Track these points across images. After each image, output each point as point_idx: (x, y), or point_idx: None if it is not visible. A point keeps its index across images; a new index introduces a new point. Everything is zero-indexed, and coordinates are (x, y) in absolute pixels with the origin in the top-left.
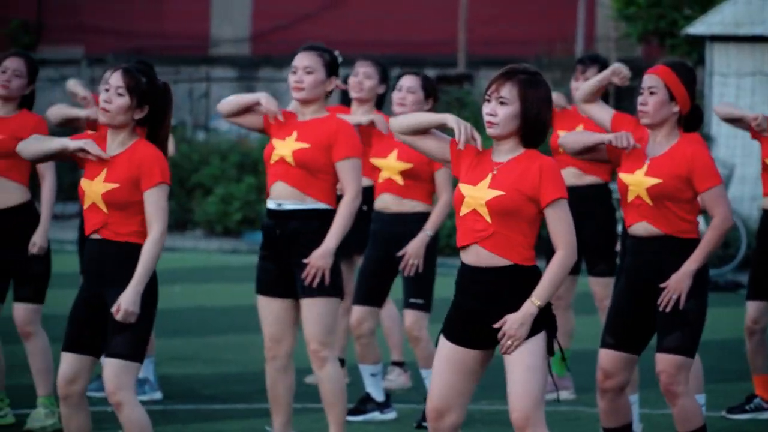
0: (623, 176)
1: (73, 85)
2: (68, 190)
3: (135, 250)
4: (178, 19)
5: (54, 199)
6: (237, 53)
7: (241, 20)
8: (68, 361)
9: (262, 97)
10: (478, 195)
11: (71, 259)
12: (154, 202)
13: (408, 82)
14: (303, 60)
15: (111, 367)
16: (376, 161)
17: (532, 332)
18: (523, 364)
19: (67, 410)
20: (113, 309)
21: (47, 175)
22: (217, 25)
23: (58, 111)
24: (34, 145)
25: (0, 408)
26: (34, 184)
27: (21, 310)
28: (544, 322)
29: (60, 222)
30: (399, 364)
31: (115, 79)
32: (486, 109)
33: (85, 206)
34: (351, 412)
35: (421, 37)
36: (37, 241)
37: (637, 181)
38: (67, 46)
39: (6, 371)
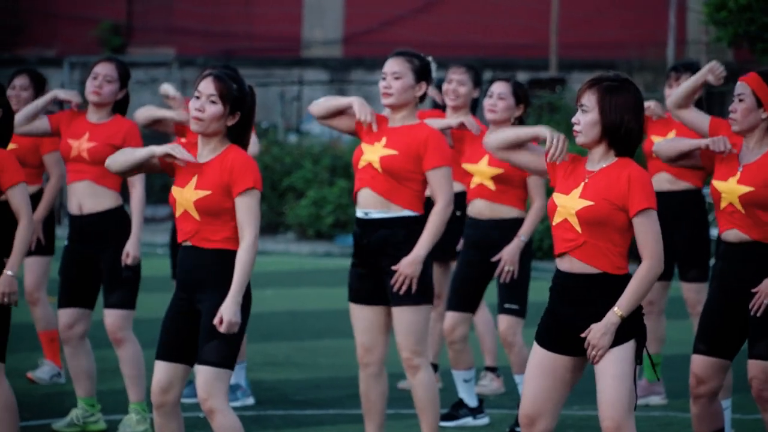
0: (716, 184)
1: (166, 87)
2: (159, 194)
3: (228, 256)
4: (269, 21)
5: (144, 207)
6: (329, 55)
7: (333, 22)
8: (162, 369)
9: (355, 102)
10: (569, 205)
11: (162, 262)
12: (246, 208)
13: (499, 88)
14: (392, 66)
15: (203, 374)
16: (467, 167)
17: (621, 340)
18: (610, 373)
19: (160, 419)
20: (216, 321)
21: (137, 184)
22: (308, 27)
23: (145, 112)
24: (121, 157)
25: (92, 413)
26: (124, 191)
27: (111, 317)
28: (634, 330)
29: (151, 225)
30: (492, 369)
31: (206, 86)
32: (573, 118)
33: (177, 214)
34: (444, 418)
35: (513, 40)
36: (130, 252)
37: (729, 189)
38: (157, 48)
39: (98, 376)
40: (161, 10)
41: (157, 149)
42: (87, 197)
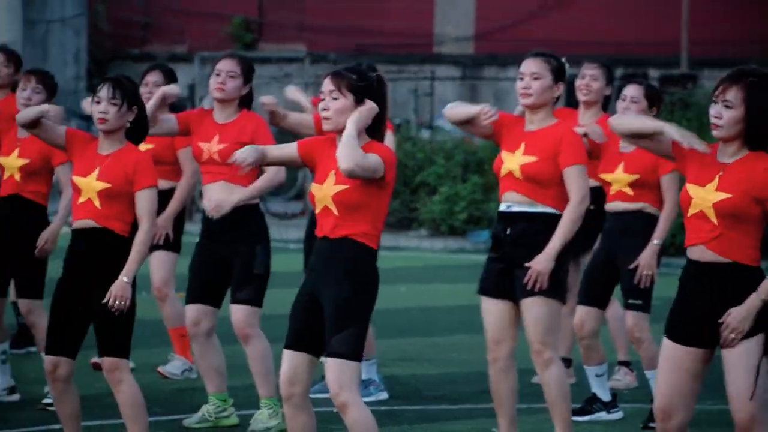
0: None
1: (293, 92)
2: (289, 190)
3: (357, 248)
4: (401, 18)
5: (265, 187)
6: (460, 52)
7: (464, 19)
8: (289, 360)
9: (482, 110)
10: (705, 197)
11: (294, 258)
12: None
13: (631, 91)
14: (530, 66)
15: (332, 366)
16: (605, 176)
17: (751, 333)
18: (742, 365)
19: (290, 411)
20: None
21: (271, 169)
22: (440, 24)
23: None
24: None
25: (224, 409)
26: None
27: (239, 313)
28: (762, 324)
29: (282, 221)
30: (625, 363)
31: (326, 85)
32: (712, 111)
33: (317, 210)
34: (577, 412)
35: (644, 37)
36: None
37: None
38: (287, 45)
39: (230, 371)
40: (292, 6)
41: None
42: (222, 195)
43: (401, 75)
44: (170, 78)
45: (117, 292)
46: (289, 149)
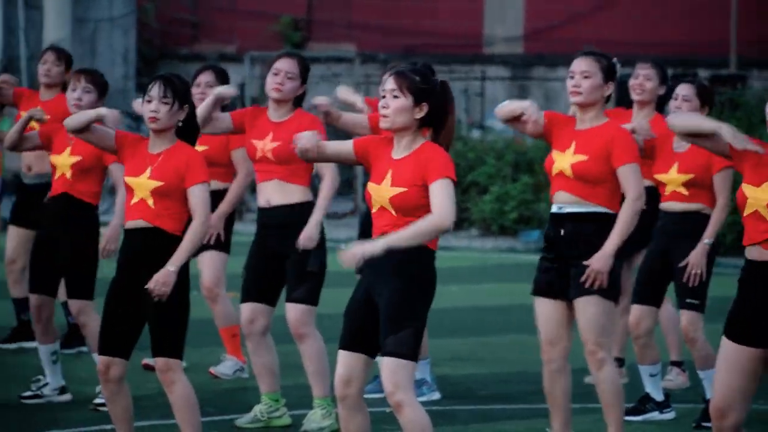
0: None
1: (345, 92)
2: (341, 189)
3: (417, 249)
4: (451, 18)
5: (331, 196)
6: (510, 52)
7: (514, 19)
8: (344, 360)
9: (528, 108)
10: (760, 197)
11: None
12: (439, 193)
13: (683, 90)
14: (580, 65)
15: (387, 366)
16: (659, 177)
17: None
18: None
19: (344, 411)
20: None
21: (327, 173)
22: (490, 24)
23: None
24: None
25: (276, 408)
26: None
27: (294, 312)
28: None
29: (332, 221)
30: (677, 363)
31: (388, 83)
32: None
33: (374, 210)
34: (630, 412)
35: (693, 37)
36: (305, 235)
37: None
38: (337, 44)
39: (282, 371)
40: (341, 5)
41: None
42: (276, 194)
43: (452, 75)
44: (222, 78)
45: (160, 278)
46: (346, 147)
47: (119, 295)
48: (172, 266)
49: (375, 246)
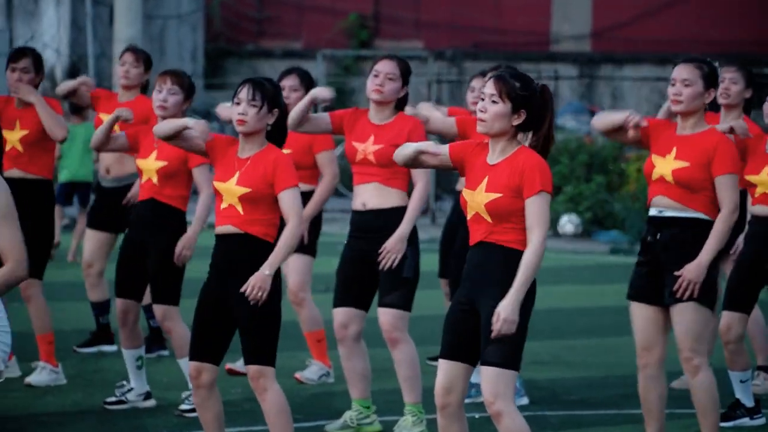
0: None
1: (427, 109)
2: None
3: (514, 256)
4: (518, 15)
5: (423, 203)
6: (577, 50)
7: (581, 17)
8: (445, 369)
9: (627, 117)
10: (665, 167)
11: (428, 258)
12: (536, 210)
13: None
14: (681, 72)
15: (488, 375)
16: (750, 178)
17: None
18: None
19: (444, 420)
20: (493, 318)
21: (421, 179)
22: (557, 22)
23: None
24: (403, 152)
25: (366, 415)
26: None
27: (387, 317)
28: None
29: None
30: (765, 368)
31: (488, 87)
32: None
33: (469, 216)
34: (721, 418)
35: (763, 35)
36: (390, 245)
37: None
38: (403, 41)
39: (373, 375)
40: (409, 2)
41: (430, 148)
42: (373, 197)
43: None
44: (307, 81)
45: (256, 282)
46: (443, 152)
47: (210, 301)
48: (267, 269)
49: (511, 310)
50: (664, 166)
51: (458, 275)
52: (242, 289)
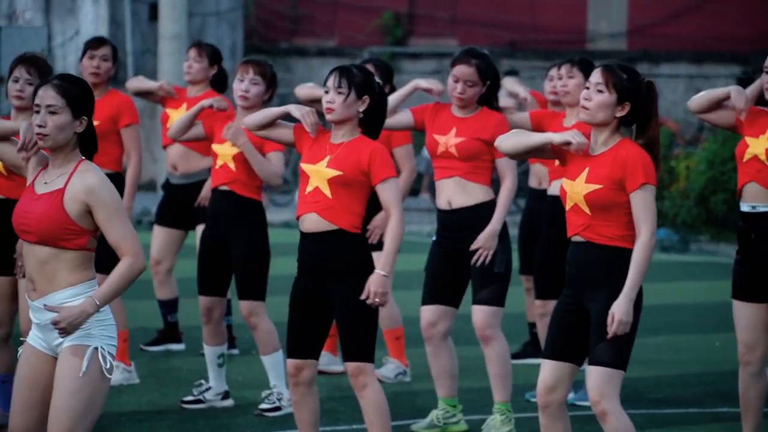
0: None
1: (511, 83)
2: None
3: (621, 253)
4: (554, 13)
5: (512, 197)
6: (614, 48)
7: (618, 15)
8: (549, 368)
9: (733, 91)
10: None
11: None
12: (642, 204)
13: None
14: None
15: (595, 375)
16: None
17: None
18: None
19: (546, 420)
20: (608, 320)
21: (508, 173)
22: (593, 20)
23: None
24: (512, 139)
25: (453, 414)
26: None
27: (481, 314)
28: None
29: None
30: None
31: (594, 76)
32: None
33: (567, 207)
34: None
35: None
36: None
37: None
38: (439, 39)
39: (460, 373)
40: (444, 0)
41: (555, 137)
42: (457, 193)
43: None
44: (387, 73)
45: (374, 287)
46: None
47: (304, 297)
48: (383, 270)
49: (625, 311)
50: (758, 145)
51: (543, 272)
52: (362, 297)
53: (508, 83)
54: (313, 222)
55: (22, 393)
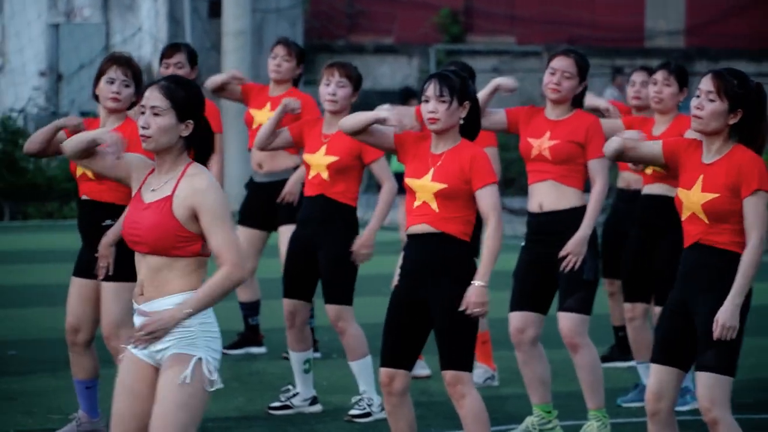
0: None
1: (590, 98)
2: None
3: (732, 258)
4: (612, 10)
5: (601, 205)
6: (671, 46)
7: (675, 12)
8: (656, 374)
9: None
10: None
11: None
12: (753, 210)
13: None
14: None
15: (704, 381)
16: None
17: None
18: None
19: (654, 427)
20: (714, 326)
21: (599, 177)
22: (651, 17)
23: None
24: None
25: (548, 420)
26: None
27: (568, 321)
28: None
29: (519, 217)
30: None
31: (705, 84)
32: None
33: (684, 217)
34: None
35: None
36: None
37: None
38: (496, 37)
39: (553, 379)
40: None
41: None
42: (549, 197)
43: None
44: (469, 76)
45: (474, 297)
46: (656, 150)
47: (403, 303)
48: (481, 281)
49: (730, 316)
50: None
51: (632, 275)
52: (460, 308)
53: (587, 99)
54: (422, 228)
55: (122, 402)
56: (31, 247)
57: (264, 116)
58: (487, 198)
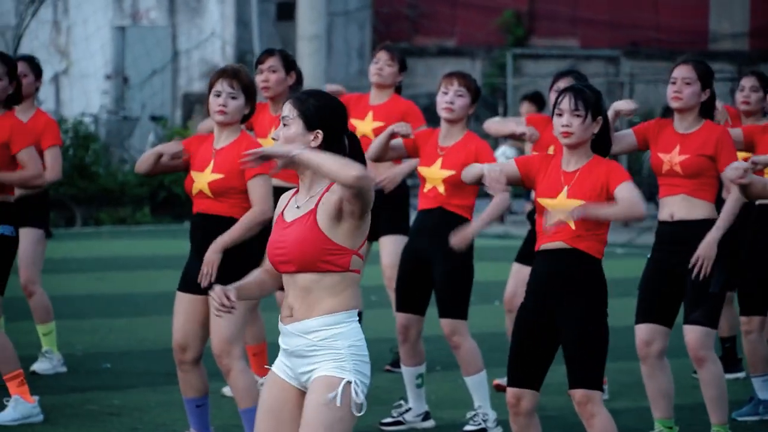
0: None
1: (623, 104)
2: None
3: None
4: (675, 13)
5: (737, 208)
6: (736, 48)
7: (740, 15)
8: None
9: None
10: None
11: (622, 264)
12: None
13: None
14: None
15: (692, 333)
16: None
17: None
18: None
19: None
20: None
21: (733, 187)
22: (715, 20)
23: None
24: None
25: None
26: None
27: (693, 334)
28: None
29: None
30: None
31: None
32: None
33: None
34: None
35: None
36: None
37: None
38: (559, 39)
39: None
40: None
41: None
42: (681, 208)
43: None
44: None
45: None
46: None
47: (530, 321)
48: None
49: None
50: None
51: (749, 286)
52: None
53: (620, 104)
54: (557, 244)
55: (264, 424)
56: (106, 254)
57: (366, 126)
58: (625, 192)
